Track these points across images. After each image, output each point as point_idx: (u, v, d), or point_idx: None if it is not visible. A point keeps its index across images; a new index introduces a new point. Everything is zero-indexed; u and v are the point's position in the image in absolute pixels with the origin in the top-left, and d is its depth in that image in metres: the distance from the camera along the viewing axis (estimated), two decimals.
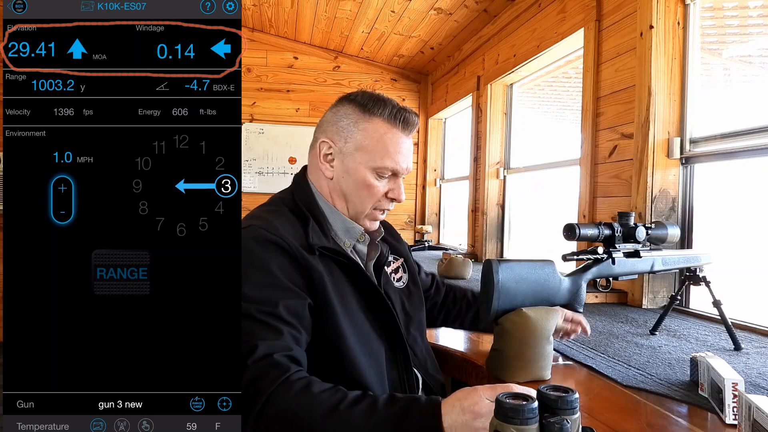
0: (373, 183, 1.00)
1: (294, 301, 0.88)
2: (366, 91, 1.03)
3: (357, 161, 0.99)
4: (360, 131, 0.99)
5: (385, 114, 0.99)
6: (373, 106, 0.99)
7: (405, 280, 1.15)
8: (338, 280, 0.96)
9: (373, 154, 0.99)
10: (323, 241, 0.96)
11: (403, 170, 1.02)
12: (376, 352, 0.97)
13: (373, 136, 0.99)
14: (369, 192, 1.00)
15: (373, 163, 0.99)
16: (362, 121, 0.99)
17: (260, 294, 0.86)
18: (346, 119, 1.01)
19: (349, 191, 1.01)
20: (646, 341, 1.30)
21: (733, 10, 1.86)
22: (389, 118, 0.99)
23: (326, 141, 1.02)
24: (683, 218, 1.81)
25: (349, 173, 1.00)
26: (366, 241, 1.06)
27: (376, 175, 1.00)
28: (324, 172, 1.02)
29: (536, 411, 0.60)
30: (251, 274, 0.86)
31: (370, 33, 3.86)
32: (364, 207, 1.02)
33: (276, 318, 0.84)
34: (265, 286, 0.87)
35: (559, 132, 3.13)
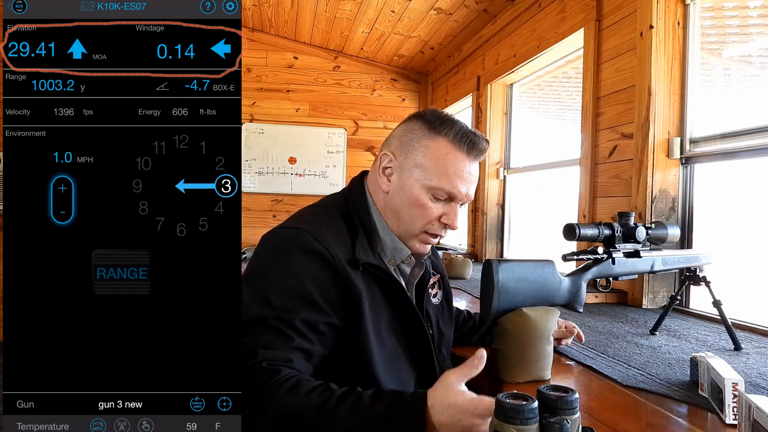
0: (426, 203, 0.95)
1: (315, 316, 0.85)
2: (436, 110, 1.00)
3: (413, 178, 0.95)
4: (422, 148, 0.95)
5: (450, 134, 0.95)
6: (440, 125, 0.96)
7: (440, 297, 1.11)
8: (376, 299, 0.93)
9: (430, 173, 0.94)
10: (369, 257, 0.93)
11: (461, 195, 0.96)
12: (405, 377, 0.95)
13: (434, 155, 0.95)
14: (421, 212, 0.95)
15: (429, 182, 0.94)
16: (426, 138, 0.96)
17: (283, 302, 0.84)
18: (411, 134, 0.98)
19: (402, 208, 0.96)
20: (646, 341, 1.30)
21: (733, 10, 1.86)
22: (454, 138, 0.95)
23: (388, 154, 0.99)
24: (683, 218, 1.81)
25: (404, 189, 0.96)
26: (411, 263, 1.02)
27: (432, 195, 0.95)
28: (381, 186, 0.99)
29: (536, 411, 0.60)
30: (282, 279, 0.85)
31: (370, 33, 3.86)
32: (414, 227, 0.97)
33: (290, 327, 0.83)
34: (292, 296, 0.85)
35: (559, 132, 3.13)
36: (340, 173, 4.48)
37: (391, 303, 0.95)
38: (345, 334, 0.89)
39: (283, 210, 4.40)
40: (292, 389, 0.75)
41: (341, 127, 4.49)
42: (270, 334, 0.82)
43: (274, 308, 0.83)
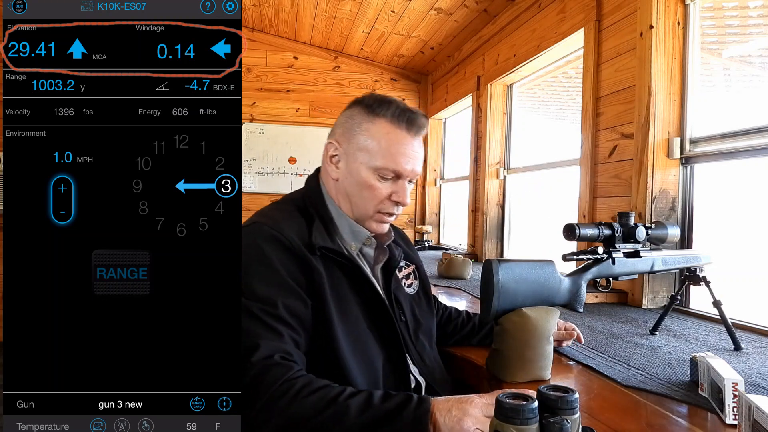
0: (374, 184, 0.99)
1: (295, 302, 0.88)
2: (374, 94, 1.02)
3: (359, 161, 0.99)
4: (363, 131, 0.99)
5: (388, 114, 0.98)
6: (378, 107, 0.99)
7: (416, 287, 1.14)
8: (338, 283, 0.95)
9: (374, 154, 0.98)
10: (326, 242, 0.95)
11: (406, 172, 0.99)
12: (373, 358, 0.97)
13: (374, 137, 0.98)
14: (371, 193, 0.99)
15: (373, 163, 0.98)
16: (366, 121, 0.99)
17: (264, 292, 0.86)
18: (351, 120, 1.01)
19: (352, 192, 1.00)
20: (646, 341, 1.30)
21: (733, 10, 1.86)
22: (392, 117, 0.98)
23: (333, 143, 1.02)
24: (683, 218, 1.81)
25: (351, 174, 1.00)
26: (373, 244, 1.05)
27: (378, 176, 0.99)
28: (330, 174, 1.03)
29: (536, 411, 0.60)
30: (255, 270, 0.87)
31: (370, 33, 3.86)
32: (368, 209, 1.01)
33: (277, 319, 0.85)
34: (269, 284, 0.87)
35: (559, 132, 3.14)
36: None
37: (354, 286, 0.97)
38: (313, 317, 0.91)
39: None
40: (305, 386, 0.77)
41: None
42: (261, 326, 0.83)
43: (257, 299, 0.85)
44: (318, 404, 0.75)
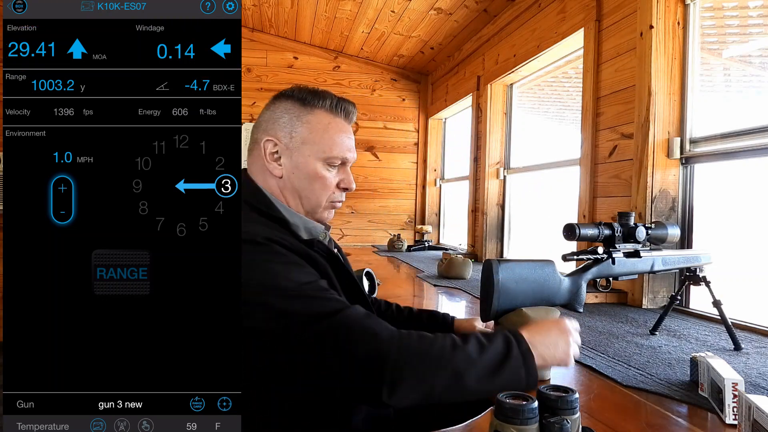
0: (324, 174, 0.99)
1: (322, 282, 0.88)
2: (300, 86, 1.02)
3: (306, 154, 0.98)
4: (304, 124, 0.98)
5: (326, 105, 0.99)
6: (312, 99, 0.99)
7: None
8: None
9: (321, 144, 0.98)
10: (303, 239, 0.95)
11: (351, 159, 1.02)
12: None
13: (317, 128, 0.98)
14: (322, 184, 0.99)
15: (322, 153, 0.98)
16: (304, 114, 0.99)
17: (301, 277, 0.84)
18: (287, 115, 0.99)
19: (302, 186, 0.99)
20: (646, 341, 1.30)
21: (733, 10, 1.86)
22: (331, 108, 1.00)
23: (271, 139, 0.99)
24: (683, 218, 1.81)
25: (299, 168, 0.98)
26: (326, 238, 1.05)
27: (327, 165, 1.00)
28: (272, 172, 0.99)
29: (536, 411, 0.60)
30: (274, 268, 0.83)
31: (370, 33, 3.86)
32: (320, 200, 1.01)
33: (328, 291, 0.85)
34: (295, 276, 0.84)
35: (559, 132, 3.14)
36: None
37: (337, 275, 0.96)
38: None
39: None
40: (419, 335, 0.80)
41: None
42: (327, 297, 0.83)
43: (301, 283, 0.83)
44: (444, 348, 0.78)
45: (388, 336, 0.78)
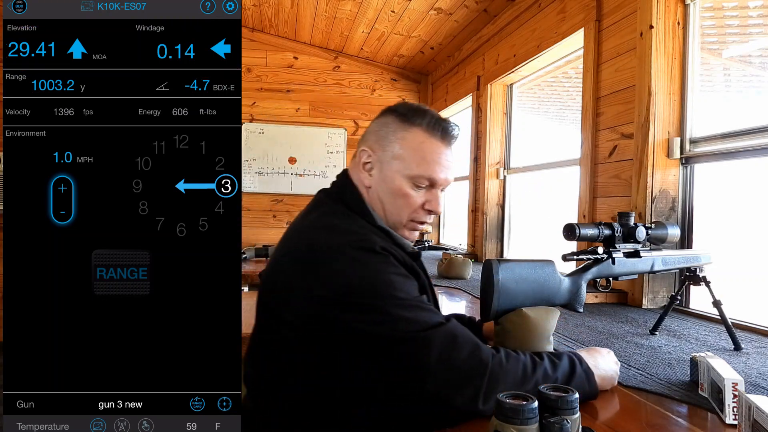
0: (409, 192, 0.98)
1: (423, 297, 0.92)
2: (408, 103, 1.03)
3: (394, 169, 0.98)
4: (398, 140, 0.99)
5: (423, 123, 0.98)
6: (413, 116, 0.99)
7: None
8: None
9: (409, 162, 0.98)
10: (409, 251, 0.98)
11: (440, 181, 1.00)
12: None
13: (410, 145, 0.98)
14: (405, 201, 0.99)
15: (409, 171, 0.98)
16: (401, 130, 0.99)
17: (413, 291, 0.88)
18: (386, 128, 1.00)
19: (386, 200, 1.00)
20: (646, 341, 1.30)
21: (733, 10, 1.86)
22: (428, 127, 0.99)
23: (366, 150, 1.01)
24: (683, 218, 1.81)
25: (385, 181, 0.99)
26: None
27: (413, 184, 0.99)
28: (363, 181, 1.01)
29: (536, 411, 0.60)
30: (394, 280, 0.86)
31: (370, 33, 3.86)
32: (401, 217, 1.00)
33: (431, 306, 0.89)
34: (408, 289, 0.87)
35: (559, 132, 3.14)
36: None
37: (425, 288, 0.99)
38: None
39: (283, 210, 4.40)
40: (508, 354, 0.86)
41: (341, 127, 4.49)
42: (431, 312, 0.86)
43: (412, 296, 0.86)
44: (527, 365, 0.84)
45: (487, 350, 0.83)
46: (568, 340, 1.29)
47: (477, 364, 0.81)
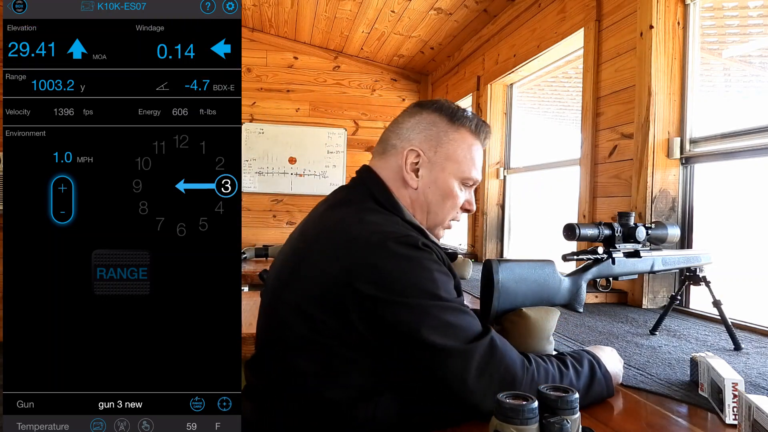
0: (457, 193, 1.00)
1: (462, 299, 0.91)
2: (445, 101, 1.02)
3: (447, 171, 0.98)
4: (451, 141, 0.98)
5: (472, 125, 1.00)
6: (460, 117, 0.99)
7: None
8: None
9: (463, 164, 0.99)
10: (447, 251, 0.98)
11: (479, 181, 1.04)
12: None
13: (462, 147, 0.99)
14: (453, 203, 1.00)
15: (461, 173, 0.99)
16: (452, 131, 0.99)
17: (454, 291, 0.87)
18: (435, 128, 0.98)
19: (434, 201, 0.99)
20: (646, 341, 1.30)
21: (733, 10, 1.86)
22: (475, 129, 1.00)
23: (414, 150, 0.97)
24: (683, 218, 1.81)
25: (437, 183, 0.98)
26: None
27: (461, 185, 1.01)
28: (409, 182, 0.97)
29: (536, 411, 0.60)
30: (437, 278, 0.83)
31: (370, 33, 3.86)
32: (445, 218, 1.01)
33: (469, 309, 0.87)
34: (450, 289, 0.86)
35: (559, 132, 3.14)
36: (340, 173, 4.48)
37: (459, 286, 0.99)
38: None
39: (283, 210, 4.40)
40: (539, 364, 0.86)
41: (341, 127, 4.49)
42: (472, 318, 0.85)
43: (452, 300, 0.85)
44: (555, 375, 0.85)
45: (521, 361, 0.84)
46: (568, 340, 1.29)
47: (511, 379, 0.81)
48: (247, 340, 1.39)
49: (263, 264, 2.96)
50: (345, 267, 0.82)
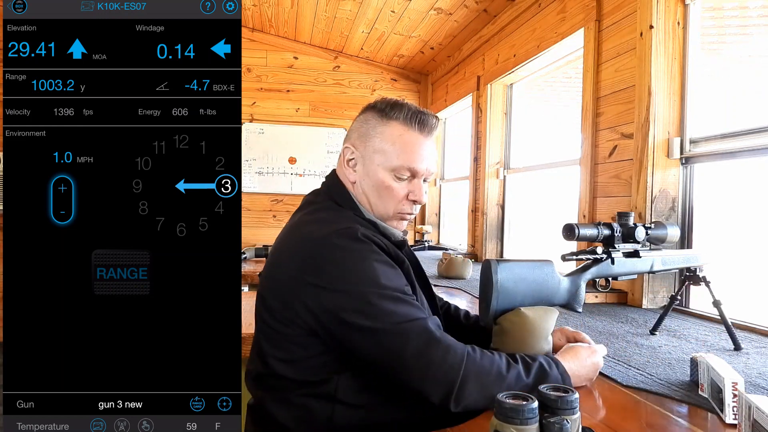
0: (392, 185, 1.02)
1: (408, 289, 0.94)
2: (387, 98, 1.06)
3: (375, 163, 1.02)
4: (378, 134, 1.02)
5: (401, 117, 1.02)
6: (390, 111, 1.02)
7: None
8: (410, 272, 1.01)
9: (389, 155, 1.01)
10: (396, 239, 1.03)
11: (421, 171, 1.03)
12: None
13: (389, 139, 1.01)
14: (389, 194, 1.02)
15: (389, 163, 1.01)
16: (380, 125, 1.02)
17: (397, 281, 0.91)
18: (366, 124, 1.04)
19: (371, 194, 1.03)
20: (646, 341, 1.30)
21: (733, 10, 1.86)
22: (405, 120, 1.02)
23: (349, 147, 1.05)
24: (683, 218, 1.81)
25: (369, 176, 1.02)
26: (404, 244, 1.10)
27: (395, 176, 1.02)
28: (348, 177, 1.05)
29: (536, 411, 0.60)
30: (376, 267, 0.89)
31: (370, 33, 3.86)
32: (387, 210, 1.03)
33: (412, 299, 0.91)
34: (391, 276, 0.90)
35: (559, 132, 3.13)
36: None
37: (417, 274, 1.03)
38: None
39: (283, 210, 4.40)
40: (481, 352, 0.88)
41: (341, 127, 4.49)
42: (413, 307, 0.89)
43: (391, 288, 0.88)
44: (501, 367, 0.86)
45: (461, 350, 0.86)
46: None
47: (448, 365, 0.83)
48: (247, 340, 1.39)
49: (263, 264, 2.96)
50: (296, 262, 0.90)
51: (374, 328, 0.84)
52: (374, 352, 0.85)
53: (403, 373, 0.84)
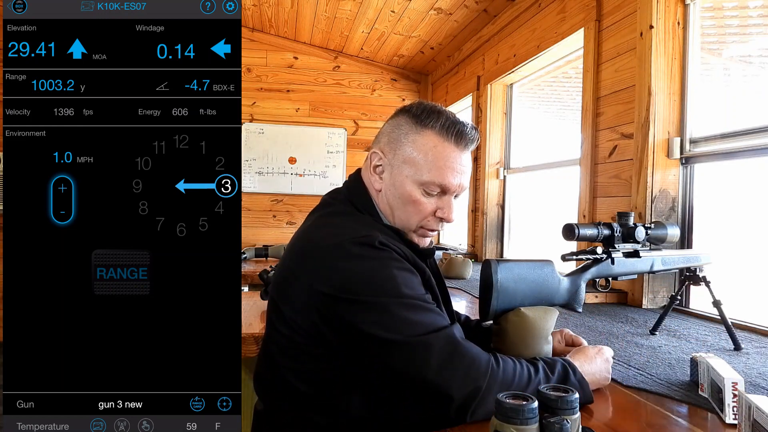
0: (419, 199, 0.94)
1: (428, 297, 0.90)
2: (423, 102, 0.98)
3: (404, 174, 0.94)
4: (410, 143, 0.94)
5: (437, 126, 0.93)
6: (426, 118, 0.94)
7: None
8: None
9: (420, 167, 0.93)
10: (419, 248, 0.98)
11: (453, 187, 0.96)
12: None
13: (421, 149, 0.93)
14: (415, 208, 0.95)
15: (419, 177, 0.93)
16: (413, 133, 0.94)
17: (418, 288, 0.86)
18: (398, 130, 0.96)
19: (396, 205, 0.96)
20: (646, 341, 1.30)
21: (733, 10, 1.86)
22: (441, 130, 0.93)
23: (377, 152, 0.98)
24: (683, 218, 1.81)
25: (395, 187, 0.95)
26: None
27: (423, 191, 0.95)
28: (373, 184, 0.98)
29: (536, 411, 0.60)
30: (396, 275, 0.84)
31: (370, 33, 3.86)
32: (410, 223, 0.97)
33: (433, 306, 0.87)
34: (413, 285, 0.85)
35: (559, 132, 3.13)
36: (340, 173, 4.48)
37: (438, 284, 0.99)
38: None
39: (283, 210, 4.40)
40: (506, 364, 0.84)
41: (341, 127, 4.49)
42: (435, 314, 0.84)
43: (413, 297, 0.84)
44: (523, 377, 0.83)
45: (486, 360, 0.82)
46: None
47: (472, 375, 0.79)
48: (247, 340, 1.39)
49: (263, 264, 2.96)
50: (308, 270, 0.85)
51: (396, 341, 0.79)
52: (396, 365, 0.80)
53: (422, 385, 0.78)
